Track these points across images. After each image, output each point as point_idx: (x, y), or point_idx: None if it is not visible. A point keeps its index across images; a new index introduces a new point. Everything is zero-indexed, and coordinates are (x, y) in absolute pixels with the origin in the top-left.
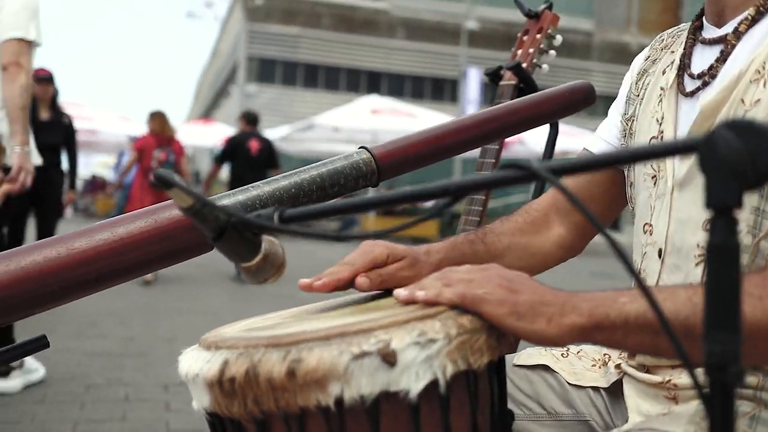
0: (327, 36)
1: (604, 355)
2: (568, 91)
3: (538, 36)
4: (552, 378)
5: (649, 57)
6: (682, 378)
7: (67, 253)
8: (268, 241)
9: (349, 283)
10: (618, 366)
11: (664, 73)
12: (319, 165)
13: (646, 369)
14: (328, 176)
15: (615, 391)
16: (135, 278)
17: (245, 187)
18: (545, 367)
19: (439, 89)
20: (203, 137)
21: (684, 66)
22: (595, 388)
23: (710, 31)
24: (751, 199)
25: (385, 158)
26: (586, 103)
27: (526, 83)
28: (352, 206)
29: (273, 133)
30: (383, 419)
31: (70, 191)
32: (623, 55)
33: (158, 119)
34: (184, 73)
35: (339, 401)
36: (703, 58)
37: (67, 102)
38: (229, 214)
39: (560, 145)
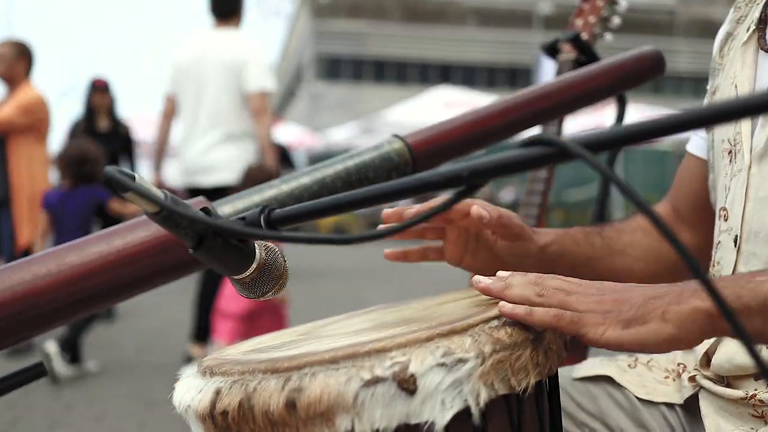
0: (394, 29)
1: (678, 365)
2: (632, 60)
3: (599, 2)
4: (618, 393)
5: (733, 18)
6: None
7: (57, 270)
8: (264, 248)
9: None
10: (692, 378)
11: (748, 30)
12: (345, 158)
13: (726, 382)
14: (354, 170)
15: (692, 408)
16: (136, 295)
17: (261, 186)
18: (609, 380)
19: (513, 77)
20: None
21: (766, 18)
22: (670, 405)
23: None
24: None
25: (421, 146)
26: (654, 72)
27: (586, 56)
28: (350, 201)
29: (341, 131)
30: None
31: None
32: (710, 31)
33: None
34: None
35: None
36: None
37: (135, 114)
38: (203, 220)
39: None
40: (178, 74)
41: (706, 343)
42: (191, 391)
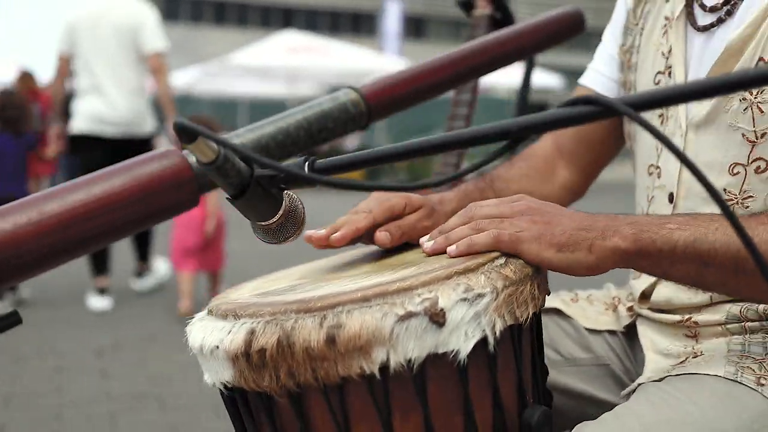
0: None
1: (614, 298)
2: (556, 19)
3: None
4: (565, 323)
5: None
6: (702, 315)
7: (38, 219)
8: (287, 196)
9: (367, 234)
10: (630, 308)
11: (667, 0)
12: (305, 108)
13: (662, 310)
14: (315, 120)
15: (631, 334)
16: (113, 242)
17: (227, 135)
18: (557, 312)
19: (357, 23)
20: None
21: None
22: (611, 332)
23: None
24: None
25: (374, 97)
26: (576, 30)
27: (502, 12)
28: (388, 155)
29: (182, 75)
30: (430, 385)
31: None
32: None
33: (23, 79)
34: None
35: (384, 368)
36: None
37: None
38: (261, 162)
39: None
40: (74, 35)
41: (645, 283)
42: (216, 332)
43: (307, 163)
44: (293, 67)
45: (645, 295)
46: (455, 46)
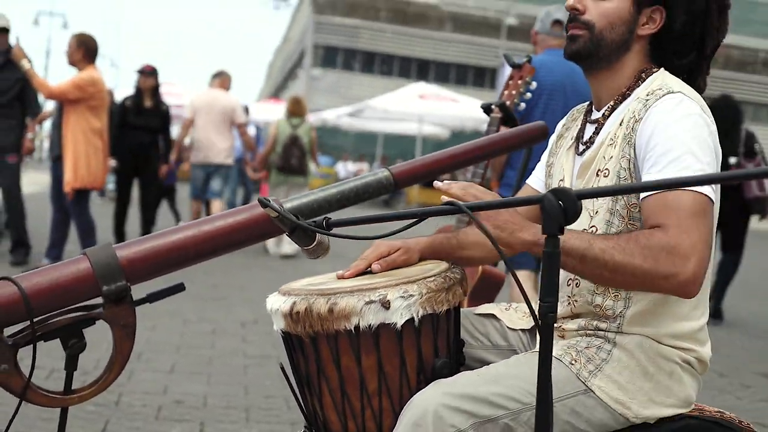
0: (383, 27)
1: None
2: (531, 128)
3: (519, 82)
4: (497, 323)
5: (564, 125)
6: (567, 325)
7: (196, 233)
8: (318, 235)
9: (366, 270)
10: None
11: (572, 139)
12: (356, 179)
13: None
14: (362, 188)
15: (533, 332)
16: (236, 250)
17: (308, 192)
18: (494, 316)
19: (481, 77)
20: (272, 114)
21: (579, 135)
22: (523, 330)
23: (593, 114)
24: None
25: (399, 176)
26: (542, 137)
27: (508, 117)
28: (380, 218)
29: (333, 112)
30: (381, 339)
31: (164, 165)
32: None
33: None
34: (258, 56)
35: (356, 328)
36: (588, 130)
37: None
38: (296, 223)
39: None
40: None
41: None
42: (277, 302)
43: (324, 221)
44: (422, 112)
45: None
46: None
